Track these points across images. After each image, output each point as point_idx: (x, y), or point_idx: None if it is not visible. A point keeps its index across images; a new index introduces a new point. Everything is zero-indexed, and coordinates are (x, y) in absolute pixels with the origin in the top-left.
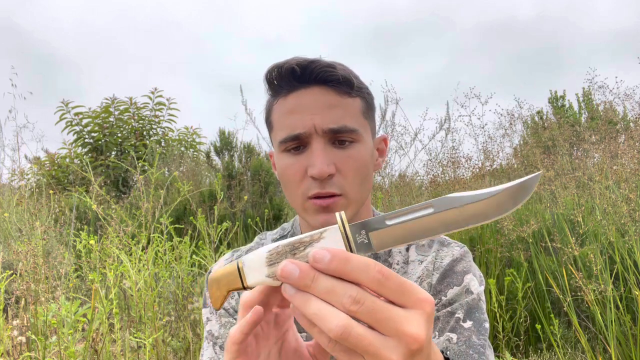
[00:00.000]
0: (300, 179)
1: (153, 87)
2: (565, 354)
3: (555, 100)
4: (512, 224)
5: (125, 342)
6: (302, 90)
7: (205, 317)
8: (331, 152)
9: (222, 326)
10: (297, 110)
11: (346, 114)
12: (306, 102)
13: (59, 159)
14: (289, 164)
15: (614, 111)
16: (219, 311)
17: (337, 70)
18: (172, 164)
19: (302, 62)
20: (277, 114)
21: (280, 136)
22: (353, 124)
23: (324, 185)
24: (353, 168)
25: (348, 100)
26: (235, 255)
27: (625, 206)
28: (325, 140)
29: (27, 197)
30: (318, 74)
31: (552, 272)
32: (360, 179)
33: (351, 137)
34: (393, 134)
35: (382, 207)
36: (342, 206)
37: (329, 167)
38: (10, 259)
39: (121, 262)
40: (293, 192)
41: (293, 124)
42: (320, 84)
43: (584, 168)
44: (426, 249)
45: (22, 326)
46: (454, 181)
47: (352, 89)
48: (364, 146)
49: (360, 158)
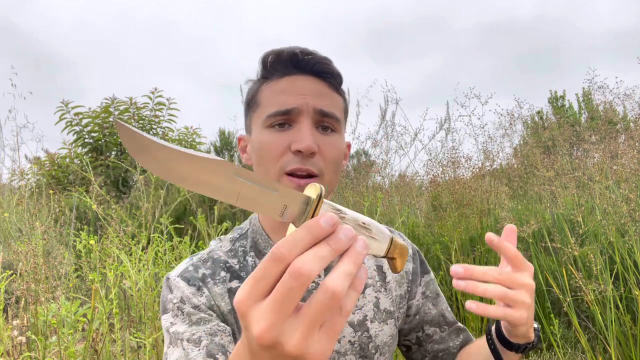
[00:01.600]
0: (280, 153)
1: (153, 87)
2: (565, 354)
3: (555, 100)
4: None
5: (125, 342)
6: (297, 75)
7: (168, 322)
8: (316, 135)
9: (194, 323)
10: (291, 91)
11: (334, 104)
12: (300, 85)
13: (59, 159)
14: (271, 138)
15: (614, 111)
16: (188, 310)
17: (332, 65)
18: None
19: (303, 49)
20: (267, 93)
21: (269, 111)
22: (339, 114)
23: (304, 162)
24: (332, 154)
25: (335, 94)
26: (195, 258)
27: (625, 206)
28: (312, 121)
29: (27, 197)
30: (315, 65)
31: (552, 272)
32: (336, 166)
33: (334, 125)
34: (393, 134)
35: (382, 207)
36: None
37: (315, 144)
38: (10, 259)
39: (121, 262)
40: (270, 167)
41: (285, 101)
42: (315, 75)
43: (584, 168)
44: None
45: (22, 326)
46: (454, 181)
47: (340, 85)
48: (341, 138)
49: (339, 147)
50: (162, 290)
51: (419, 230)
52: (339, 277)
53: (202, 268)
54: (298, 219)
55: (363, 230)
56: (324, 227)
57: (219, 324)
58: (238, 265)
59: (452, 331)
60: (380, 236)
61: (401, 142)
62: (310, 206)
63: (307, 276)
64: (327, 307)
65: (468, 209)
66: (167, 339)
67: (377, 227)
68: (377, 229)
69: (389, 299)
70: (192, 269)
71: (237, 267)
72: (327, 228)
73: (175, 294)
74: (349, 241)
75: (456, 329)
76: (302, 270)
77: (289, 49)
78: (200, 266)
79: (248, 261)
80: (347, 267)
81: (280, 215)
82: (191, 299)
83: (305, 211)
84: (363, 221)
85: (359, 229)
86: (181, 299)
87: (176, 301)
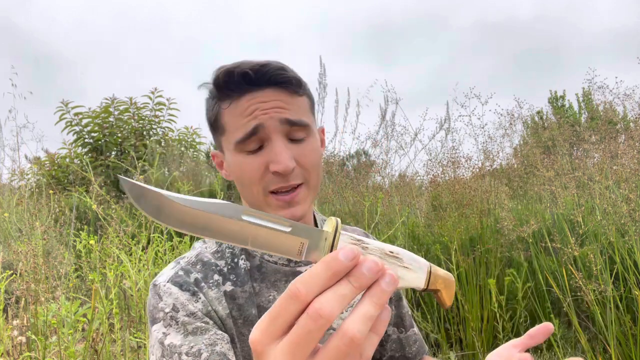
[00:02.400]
0: (260, 176)
1: (153, 87)
2: (565, 354)
3: (555, 100)
4: (512, 224)
5: (125, 342)
6: (255, 92)
7: (161, 333)
8: (290, 148)
9: (190, 333)
10: (252, 110)
11: (299, 111)
12: (260, 101)
13: (59, 159)
14: (247, 162)
15: (614, 111)
16: (183, 319)
17: (287, 72)
18: (172, 164)
19: (254, 65)
20: (229, 117)
21: (237, 136)
22: (306, 119)
23: (286, 179)
24: (311, 161)
25: (298, 99)
26: (183, 262)
27: (625, 206)
28: (283, 135)
29: (27, 197)
30: (271, 77)
31: (552, 272)
32: (317, 169)
33: (305, 131)
34: (393, 134)
35: (382, 207)
36: (304, 197)
37: (291, 161)
38: (10, 259)
39: (121, 262)
40: (253, 189)
41: (249, 122)
42: (272, 86)
43: (584, 168)
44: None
45: (22, 326)
46: (454, 181)
47: (300, 88)
48: (315, 140)
49: (315, 151)
50: (149, 299)
51: (419, 230)
52: (358, 321)
53: (194, 272)
54: (318, 256)
55: (392, 260)
56: (343, 262)
57: (216, 332)
58: (226, 267)
59: (409, 335)
60: (414, 265)
61: (401, 142)
62: (328, 240)
63: (327, 318)
64: (344, 353)
65: (468, 209)
66: (157, 351)
67: (409, 256)
68: (409, 257)
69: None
70: (182, 274)
71: (225, 269)
72: (346, 263)
73: (167, 301)
74: (373, 275)
75: (413, 333)
76: (321, 312)
77: (239, 68)
78: (191, 270)
79: (239, 264)
80: (368, 310)
81: (298, 253)
82: (186, 306)
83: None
84: (390, 250)
85: (387, 258)
86: (174, 306)
87: (168, 309)
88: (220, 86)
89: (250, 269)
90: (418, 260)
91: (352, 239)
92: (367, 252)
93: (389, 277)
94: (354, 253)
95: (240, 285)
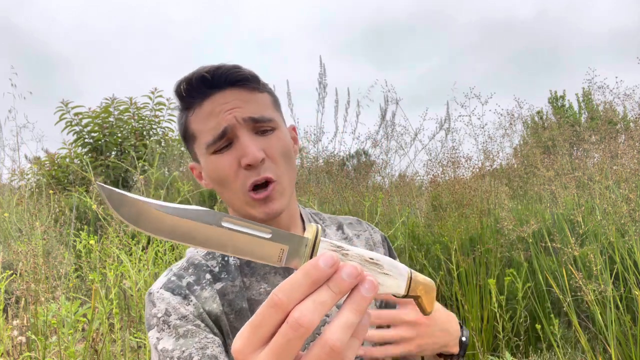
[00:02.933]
0: (235, 172)
1: (153, 87)
2: (565, 354)
3: (555, 100)
4: (512, 224)
5: (125, 342)
6: (215, 94)
7: (155, 338)
8: (257, 140)
9: (181, 337)
10: (216, 111)
11: (261, 106)
12: (222, 102)
13: (59, 159)
14: (220, 162)
15: (614, 111)
16: (174, 322)
17: (242, 70)
18: (172, 164)
19: (209, 69)
20: (196, 123)
21: (207, 139)
22: (269, 114)
23: (258, 171)
24: (280, 152)
25: (258, 95)
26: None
27: (625, 206)
28: (249, 130)
29: (27, 197)
30: (227, 77)
31: (552, 272)
32: (287, 162)
33: (270, 125)
34: (393, 134)
35: (382, 207)
36: (279, 193)
37: (260, 152)
38: (10, 259)
39: (121, 262)
40: (232, 190)
41: (216, 124)
42: (231, 86)
43: (584, 168)
44: (356, 226)
45: (22, 326)
46: (454, 181)
47: (259, 84)
48: (283, 132)
49: (284, 142)
50: (145, 307)
51: (419, 230)
52: (339, 330)
53: (186, 276)
54: (298, 262)
55: (372, 266)
56: (323, 269)
57: (207, 335)
58: (217, 267)
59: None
60: (394, 271)
61: (401, 142)
62: (308, 247)
63: (307, 327)
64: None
65: (468, 209)
66: (154, 356)
67: (389, 262)
68: (389, 264)
69: None
70: (175, 279)
71: (216, 269)
72: (326, 270)
73: (159, 307)
74: (353, 280)
75: None
76: (300, 321)
77: (196, 73)
78: (184, 275)
79: (229, 261)
80: (348, 317)
81: (278, 260)
82: (178, 309)
83: (304, 253)
84: (370, 257)
85: (367, 265)
86: (166, 310)
87: (161, 315)
88: (182, 95)
89: (240, 265)
90: (398, 267)
91: (332, 245)
92: (347, 259)
93: (368, 284)
94: (334, 260)
95: (231, 280)
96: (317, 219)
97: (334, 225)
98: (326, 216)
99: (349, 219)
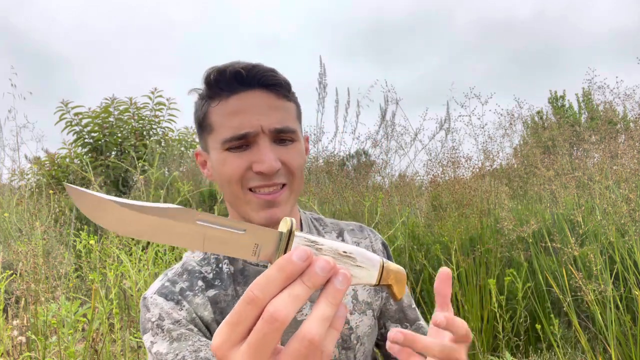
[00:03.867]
0: (241, 173)
1: (153, 87)
2: (565, 354)
3: (555, 100)
4: (512, 224)
5: (125, 342)
6: (245, 92)
7: (149, 342)
8: (275, 149)
9: (175, 340)
10: (242, 111)
11: (287, 116)
12: (250, 103)
13: (59, 159)
14: (231, 160)
15: (614, 111)
16: (168, 326)
17: (278, 74)
18: (172, 164)
19: (246, 65)
20: (218, 116)
21: (225, 136)
22: (293, 125)
23: (269, 178)
24: (295, 164)
25: (287, 103)
26: (170, 274)
27: (625, 206)
28: (270, 139)
29: (27, 197)
30: (261, 78)
31: (552, 272)
32: (300, 173)
33: (291, 136)
34: (393, 134)
35: (382, 207)
36: (285, 199)
37: (276, 162)
38: (10, 259)
39: (121, 262)
40: (234, 188)
41: (239, 124)
42: (262, 88)
43: (584, 168)
44: (357, 233)
45: (22, 326)
46: (454, 181)
47: (289, 92)
48: (300, 145)
49: (300, 155)
50: (140, 312)
51: (419, 230)
52: (315, 324)
53: (180, 282)
54: (272, 256)
55: (346, 259)
56: (296, 263)
57: (200, 339)
58: (211, 273)
59: (413, 330)
60: (367, 263)
61: (401, 142)
62: (282, 242)
63: (282, 320)
64: (304, 355)
65: (468, 209)
66: (150, 355)
67: (362, 254)
68: (362, 256)
69: (366, 290)
70: (169, 284)
71: (210, 275)
72: (299, 263)
73: (153, 312)
74: (326, 274)
75: (418, 327)
76: (275, 315)
77: (231, 67)
78: (177, 280)
79: (223, 269)
80: (324, 311)
81: (253, 254)
82: (171, 314)
83: (279, 247)
84: (344, 250)
85: (340, 259)
86: (159, 315)
87: (155, 319)
88: (211, 84)
89: (234, 273)
90: (371, 259)
91: (305, 240)
92: (321, 253)
93: (341, 276)
94: (307, 254)
95: (224, 289)
96: (319, 225)
97: (334, 232)
98: (328, 221)
99: (352, 224)
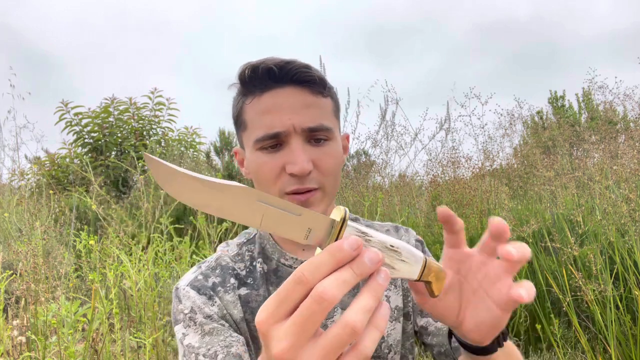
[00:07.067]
0: (276, 175)
1: (153, 87)
2: (565, 354)
3: (555, 100)
4: (512, 224)
5: (125, 342)
6: (278, 89)
7: (181, 333)
8: (309, 150)
9: (207, 334)
10: (274, 110)
11: (321, 113)
12: (283, 101)
13: (59, 159)
14: (265, 161)
15: (614, 111)
16: (200, 320)
17: (312, 70)
18: (172, 164)
19: (279, 62)
20: (252, 113)
21: (257, 135)
22: (328, 123)
23: (302, 181)
24: (329, 164)
25: (322, 100)
26: (204, 266)
27: (625, 206)
28: (302, 139)
29: (27, 197)
30: (295, 74)
31: (552, 272)
32: (334, 174)
33: (326, 135)
34: (393, 134)
35: (382, 207)
36: (319, 199)
37: (308, 164)
38: (10, 259)
39: (121, 262)
40: (269, 190)
41: (271, 123)
42: (296, 84)
43: (584, 168)
44: (392, 234)
45: (22, 326)
46: (454, 181)
47: (325, 89)
48: (336, 144)
49: (335, 155)
50: (172, 301)
51: (419, 230)
52: (357, 312)
53: (212, 277)
54: (323, 242)
55: (392, 253)
56: (346, 250)
57: (232, 334)
58: (244, 270)
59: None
60: (411, 259)
61: (401, 142)
62: (335, 229)
63: (330, 301)
64: (344, 341)
65: (468, 209)
66: (180, 350)
67: (407, 250)
68: (407, 252)
69: (399, 295)
70: (202, 278)
71: (243, 273)
72: (350, 251)
73: (186, 304)
74: (373, 265)
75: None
76: (324, 294)
77: (264, 63)
78: (210, 274)
79: (256, 267)
80: (366, 302)
81: (305, 238)
82: (203, 309)
83: (330, 234)
84: (391, 244)
85: (387, 252)
86: (192, 308)
87: (187, 311)
88: (245, 81)
89: (267, 272)
90: (415, 255)
91: (357, 230)
92: (370, 245)
93: (383, 274)
94: (358, 243)
95: (256, 289)
96: None
97: None
98: (364, 222)
99: (386, 225)
